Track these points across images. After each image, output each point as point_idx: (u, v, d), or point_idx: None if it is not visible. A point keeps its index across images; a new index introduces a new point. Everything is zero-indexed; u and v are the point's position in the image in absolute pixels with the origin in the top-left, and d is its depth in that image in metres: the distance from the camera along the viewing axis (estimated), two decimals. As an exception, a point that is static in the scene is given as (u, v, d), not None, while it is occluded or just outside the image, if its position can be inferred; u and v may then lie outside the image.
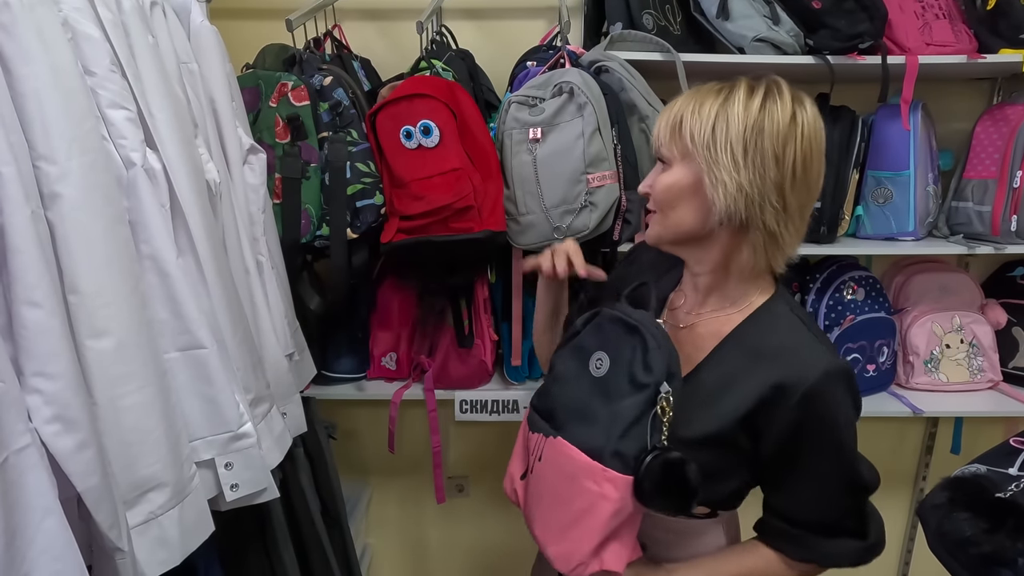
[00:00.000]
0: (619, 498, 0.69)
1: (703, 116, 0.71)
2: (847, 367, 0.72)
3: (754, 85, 0.72)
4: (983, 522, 0.49)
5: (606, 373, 0.73)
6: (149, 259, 0.70)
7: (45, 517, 0.50)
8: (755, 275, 0.77)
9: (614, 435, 0.69)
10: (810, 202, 0.74)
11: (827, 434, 0.71)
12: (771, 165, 0.69)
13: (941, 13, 1.38)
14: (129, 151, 0.67)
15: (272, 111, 1.17)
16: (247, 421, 0.79)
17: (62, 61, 0.60)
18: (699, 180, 0.72)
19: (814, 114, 0.72)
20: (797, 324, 0.75)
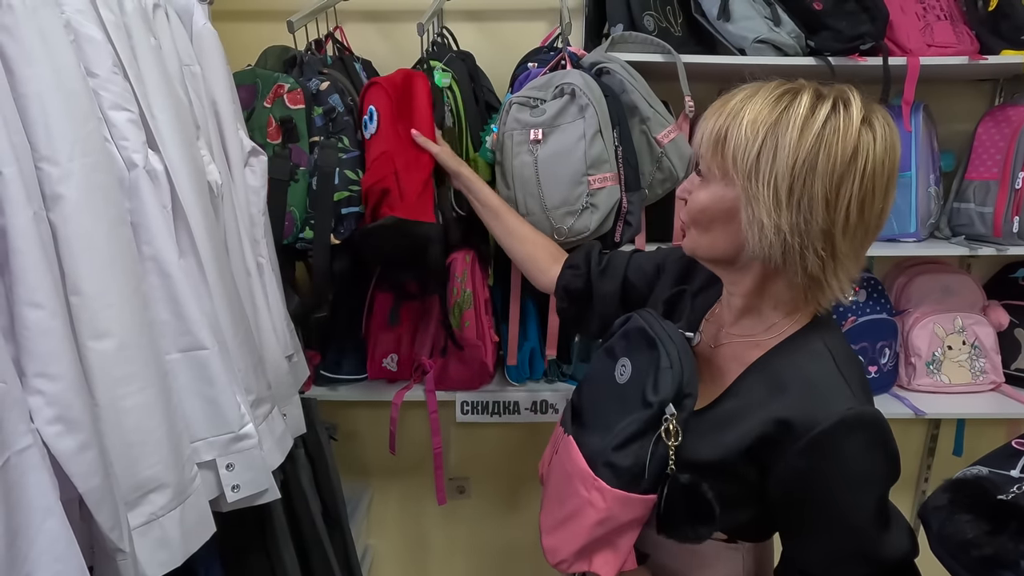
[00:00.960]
0: (605, 508, 0.68)
1: (749, 137, 0.61)
2: (873, 417, 0.62)
3: (818, 99, 0.61)
4: (985, 524, 0.49)
5: (627, 382, 0.72)
6: (151, 260, 0.70)
7: (46, 518, 0.50)
8: (794, 306, 0.69)
9: (610, 446, 0.68)
10: (868, 241, 0.65)
11: (834, 491, 0.63)
12: (819, 210, 0.60)
13: (943, 14, 1.38)
14: (131, 152, 0.68)
15: (266, 111, 1.17)
16: (248, 422, 0.79)
17: (64, 63, 0.60)
18: (736, 208, 0.64)
19: (884, 141, 0.61)
20: (826, 359, 0.66)
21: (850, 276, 0.66)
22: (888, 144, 0.61)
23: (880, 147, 0.60)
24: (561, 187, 1.11)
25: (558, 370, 1.54)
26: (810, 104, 0.61)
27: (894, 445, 0.64)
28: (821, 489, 0.63)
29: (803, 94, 0.62)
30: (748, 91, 0.65)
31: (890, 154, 0.61)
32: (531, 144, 1.12)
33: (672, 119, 1.22)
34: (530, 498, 1.89)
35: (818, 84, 0.64)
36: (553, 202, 1.11)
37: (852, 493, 0.63)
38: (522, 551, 1.92)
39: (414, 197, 1.16)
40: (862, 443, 0.62)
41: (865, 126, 0.60)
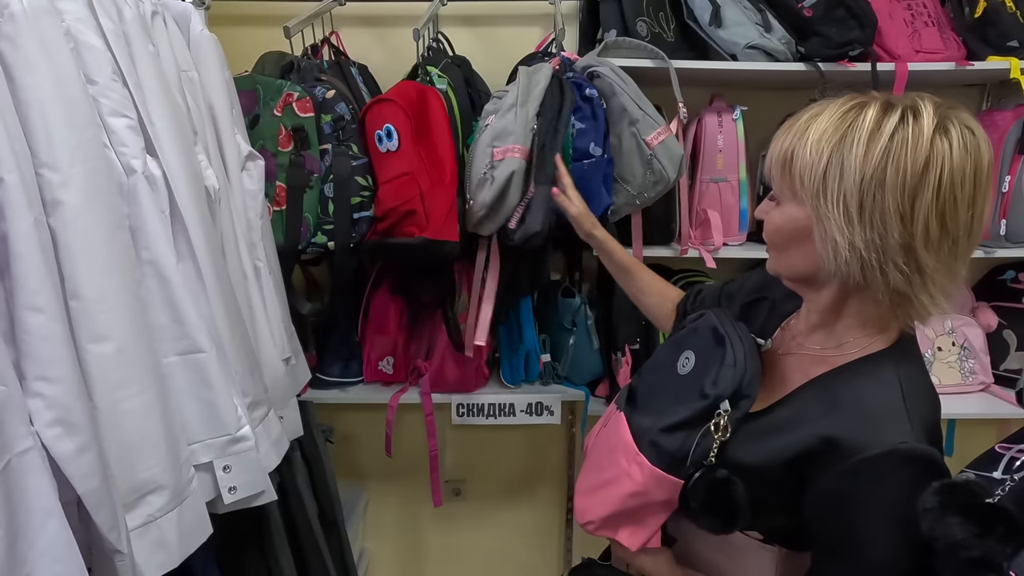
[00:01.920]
0: (641, 482, 0.70)
1: (815, 155, 0.60)
2: (927, 457, 0.59)
3: (885, 112, 0.60)
4: (974, 527, 0.50)
5: (688, 373, 0.73)
6: (149, 265, 0.71)
7: (46, 519, 0.51)
8: (874, 324, 0.67)
9: (658, 426, 0.70)
10: (963, 255, 0.62)
11: (865, 521, 0.61)
12: (894, 224, 0.58)
13: (930, 21, 1.40)
14: (130, 158, 0.69)
15: (276, 120, 1.19)
16: (245, 424, 0.79)
17: (64, 70, 0.61)
18: (809, 227, 0.63)
19: (961, 148, 0.58)
20: (893, 388, 0.63)
21: (944, 291, 0.62)
22: (969, 151, 0.59)
23: (958, 155, 0.58)
24: (476, 158, 1.15)
25: (553, 372, 1.55)
26: (876, 117, 0.60)
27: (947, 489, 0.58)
28: (852, 515, 0.62)
29: (869, 108, 0.61)
30: (815, 109, 0.64)
31: (973, 161, 0.59)
32: (483, 129, 1.17)
33: (662, 121, 1.24)
34: (526, 500, 1.89)
35: (890, 96, 0.62)
36: (471, 174, 1.15)
37: (883, 527, 0.61)
38: (518, 552, 1.92)
39: (441, 219, 1.20)
40: (907, 480, 0.59)
41: (939, 134, 0.58)
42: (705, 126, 1.41)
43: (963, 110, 0.62)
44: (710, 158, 1.41)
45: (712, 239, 1.40)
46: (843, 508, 0.62)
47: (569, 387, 1.53)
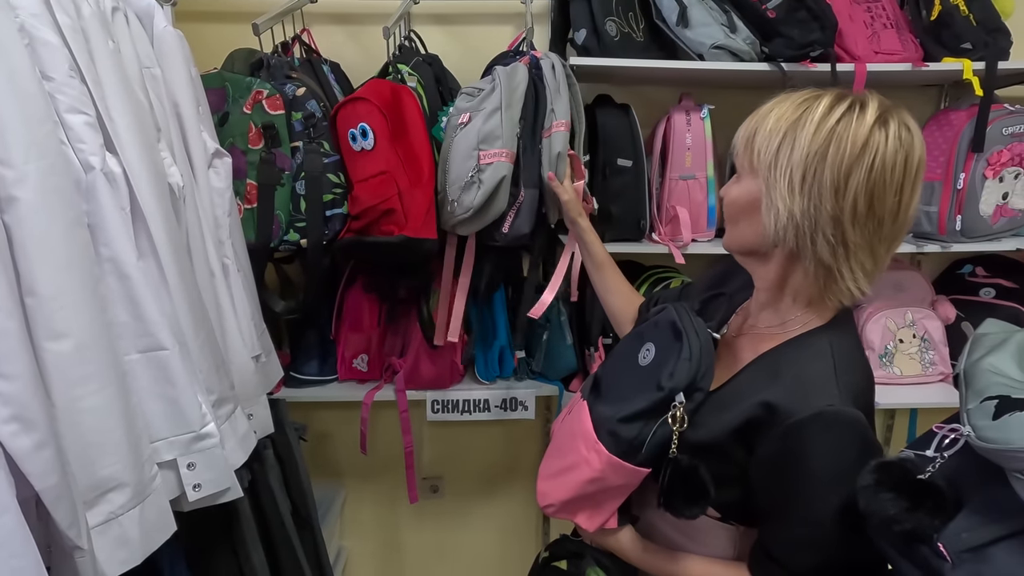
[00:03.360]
0: (599, 469, 0.73)
1: (773, 132, 0.68)
2: (851, 418, 0.65)
3: (837, 101, 0.66)
4: (905, 501, 0.53)
5: (648, 365, 0.76)
6: (109, 262, 0.70)
7: (2, 515, 0.51)
8: (811, 301, 0.73)
9: (617, 416, 0.73)
10: (886, 239, 0.68)
11: (802, 479, 0.66)
12: (828, 196, 0.65)
13: (889, 23, 1.44)
14: (88, 155, 0.68)
15: (246, 118, 1.18)
16: (210, 422, 0.79)
17: (18, 67, 0.60)
18: (759, 198, 0.70)
19: (897, 141, 0.64)
20: (824, 356, 0.69)
21: (864, 269, 0.69)
22: (903, 144, 0.65)
23: (892, 145, 0.64)
24: (458, 161, 1.16)
25: (527, 367, 1.57)
26: (829, 104, 0.67)
27: (872, 452, 0.66)
28: (788, 477, 0.67)
29: (824, 97, 0.68)
30: (781, 97, 0.72)
31: (905, 153, 0.65)
32: (459, 127, 1.16)
33: (565, 117, 1.21)
34: (503, 495, 1.91)
35: (843, 91, 0.69)
36: (452, 177, 1.16)
37: (816, 487, 0.66)
38: (495, 548, 1.94)
39: (421, 217, 1.21)
40: (834, 441, 0.65)
41: (879, 125, 0.65)
42: (674, 124, 1.43)
43: (904, 111, 0.68)
44: (679, 156, 1.44)
45: (681, 235, 1.43)
46: (779, 471, 0.68)
47: (543, 382, 1.55)
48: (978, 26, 1.42)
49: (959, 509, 0.52)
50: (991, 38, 1.41)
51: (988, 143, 1.40)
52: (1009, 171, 1.43)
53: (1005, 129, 1.41)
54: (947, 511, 0.52)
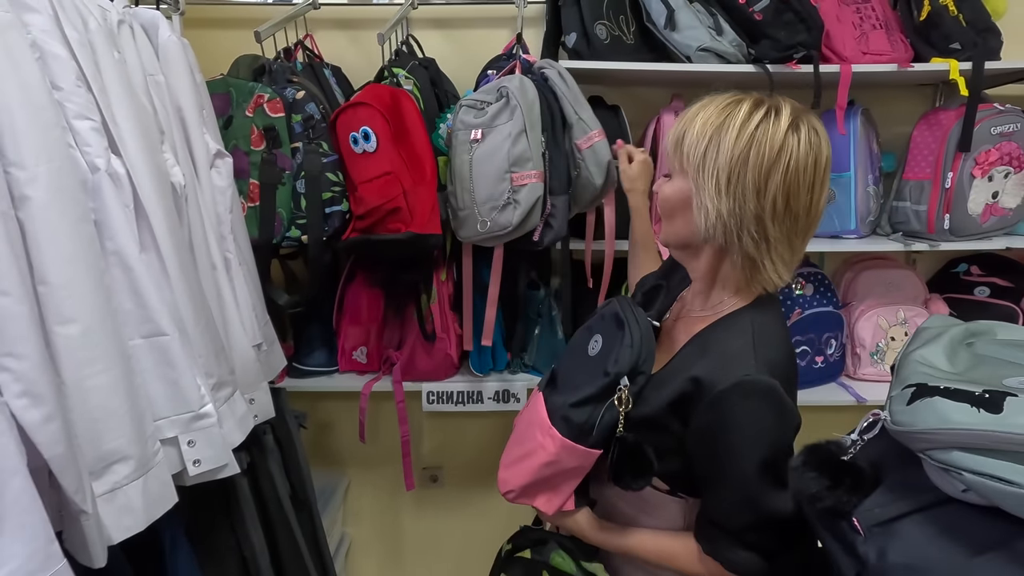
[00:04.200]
0: (554, 452, 0.79)
1: (700, 136, 0.74)
2: (766, 386, 0.71)
3: (755, 108, 0.73)
4: (826, 480, 0.57)
5: (596, 355, 0.83)
6: (114, 255, 0.77)
7: (12, 477, 0.58)
8: (739, 289, 0.80)
9: (569, 403, 0.79)
10: (801, 232, 0.75)
11: (728, 444, 0.72)
12: (751, 197, 0.72)
13: (878, 23, 1.46)
14: (94, 157, 0.75)
15: (248, 120, 1.25)
16: (208, 403, 0.86)
17: (30, 78, 0.67)
18: (690, 197, 0.76)
19: (808, 144, 0.72)
20: (745, 333, 0.76)
21: (784, 260, 0.76)
22: (812, 147, 0.73)
23: (803, 149, 0.72)
24: (488, 183, 1.19)
25: (520, 361, 1.62)
26: (748, 111, 0.73)
27: (788, 415, 0.74)
28: (717, 443, 0.73)
29: (744, 103, 0.74)
30: (705, 101, 0.78)
31: (815, 155, 0.73)
32: (471, 143, 1.20)
33: (596, 126, 1.28)
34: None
35: (760, 95, 0.76)
36: (481, 197, 1.20)
37: (742, 450, 0.72)
38: (494, 536, 1.99)
39: (426, 214, 1.28)
40: (753, 405, 0.72)
41: (791, 130, 0.72)
42: (663, 125, 1.47)
43: (813, 114, 0.75)
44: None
45: (668, 233, 1.46)
46: (708, 438, 0.74)
47: (535, 375, 1.60)
48: (968, 26, 1.43)
49: (876, 487, 0.56)
50: (980, 38, 1.42)
51: (976, 142, 1.41)
52: (999, 170, 1.45)
53: (994, 128, 1.42)
54: (864, 489, 0.56)
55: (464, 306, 1.48)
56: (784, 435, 0.74)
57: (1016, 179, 1.46)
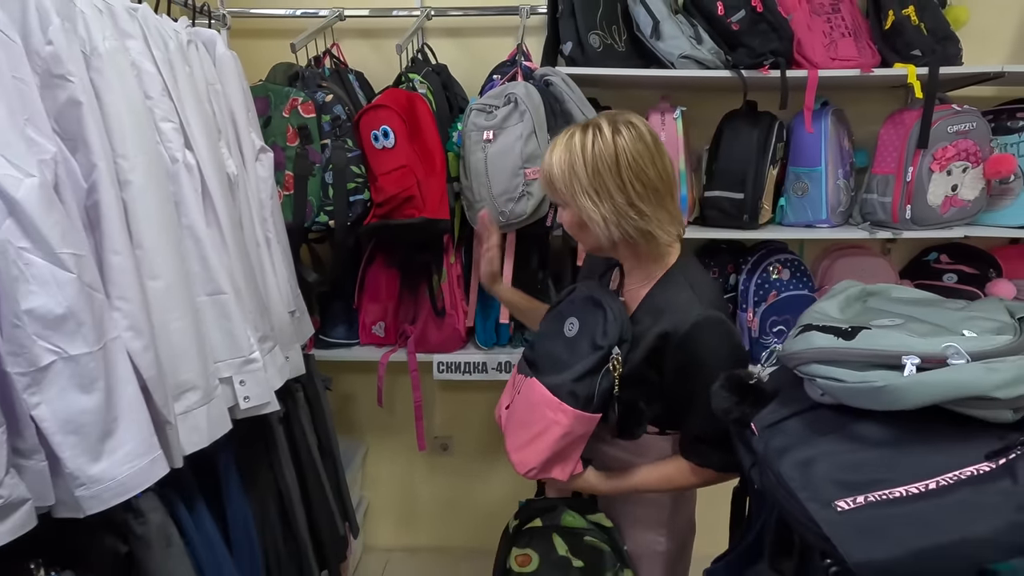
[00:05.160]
0: (568, 424, 0.94)
1: (561, 174, 0.94)
2: (715, 317, 0.92)
3: (584, 132, 0.93)
4: (735, 397, 0.75)
5: (575, 335, 1.00)
6: (187, 228, 0.98)
7: (128, 385, 0.79)
8: (655, 256, 0.99)
9: (571, 379, 0.95)
10: (667, 195, 0.95)
11: (702, 368, 0.91)
12: (617, 193, 0.92)
13: (847, 32, 1.62)
14: (174, 151, 0.96)
15: (285, 120, 1.47)
16: (256, 351, 1.07)
17: (132, 90, 0.89)
18: (582, 219, 0.96)
19: (632, 136, 0.92)
20: (682, 285, 0.96)
21: (667, 220, 0.96)
22: (635, 135, 0.93)
23: (630, 140, 0.92)
24: (504, 178, 1.38)
25: (522, 336, 1.81)
26: (581, 137, 0.94)
27: (735, 335, 0.95)
28: (693, 368, 0.92)
29: (576, 132, 0.95)
30: (554, 142, 0.98)
31: (640, 140, 0.93)
32: (484, 143, 1.40)
33: None
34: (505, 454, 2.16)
35: (582, 123, 0.96)
36: (498, 190, 1.39)
37: (708, 371, 0.89)
38: (498, 500, 2.19)
39: (437, 201, 1.49)
40: (710, 335, 0.92)
41: (615, 134, 0.93)
42: (650, 124, 1.65)
43: (627, 113, 0.97)
44: (653, 151, 1.65)
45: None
46: (682, 373, 0.93)
47: (534, 349, 1.79)
48: (929, 34, 1.59)
49: (771, 402, 0.75)
50: (940, 46, 1.58)
51: (934, 140, 1.57)
52: (956, 165, 1.60)
53: (950, 127, 1.57)
54: (762, 403, 0.74)
55: (472, 286, 1.67)
56: (737, 350, 0.95)
57: (974, 173, 1.61)
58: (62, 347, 0.71)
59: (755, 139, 1.63)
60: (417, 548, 2.24)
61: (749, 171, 1.64)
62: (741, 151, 1.65)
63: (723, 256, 1.84)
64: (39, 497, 0.72)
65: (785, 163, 1.72)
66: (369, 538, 2.25)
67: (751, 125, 1.65)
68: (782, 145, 1.68)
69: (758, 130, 1.64)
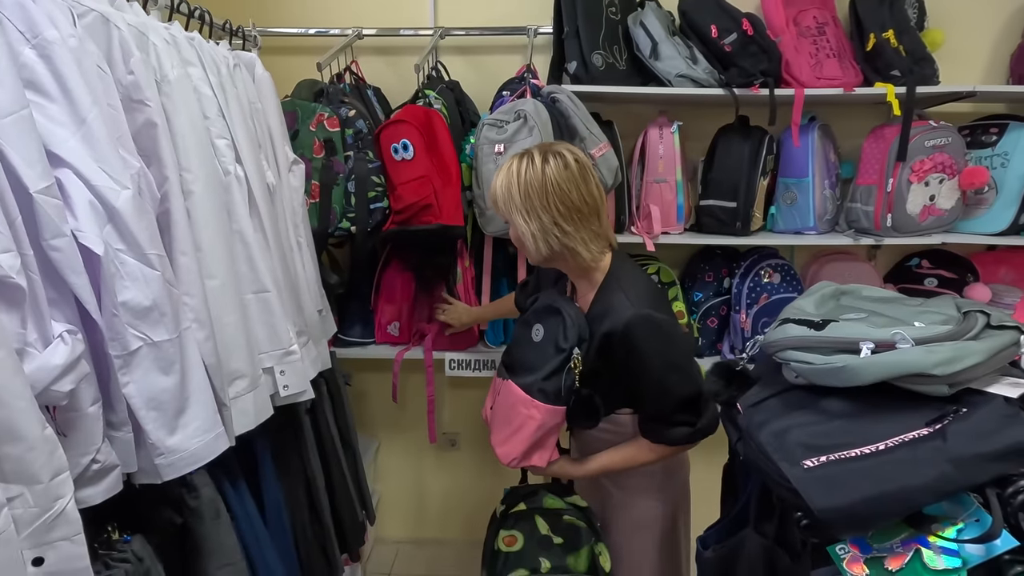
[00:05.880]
0: (541, 418, 1.10)
1: (503, 193, 1.10)
2: (643, 315, 1.05)
3: (521, 160, 1.09)
4: (722, 382, 0.88)
5: (541, 339, 1.14)
6: (237, 233, 1.11)
7: (197, 368, 0.91)
8: (587, 267, 1.13)
9: (540, 378, 1.10)
10: (591, 215, 1.09)
11: (642, 360, 1.06)
12: (544, 213, 1.07)
13: (832, 53, 1.76)
14: (227, 164, 1.09)
15: (312, 134, 1.60)
16: (295, 343, 1.20)
17: (194, 112, 1.02)
18: (519, 234, 1.11)
19: (558, 165, 1.07)
20: (615, 289, 1.11)
21: (590, 239, 1.09)
22: (560, 164, 1.08)
23: (556, 169, 1.07)
24: None
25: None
26: (517, 164, 1.09)
27: (667, 325, 1.07)
28: (634, 360, 1.06)
29: (515, 160, 1.11)
30: (502, 166, 1.13)
31: (565, 169, 1.07)
32: (495, 155, 1.53)
33: (604, 139, 1.61)
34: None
35: (521, 152, 1.11)
36: None
37: (651, 357, 1.05)
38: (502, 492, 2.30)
39: (452, 209, 1.64)
40: (644, 331, 1.05)
41: (545, 162, 1.08)
42: (649, 137, 1.79)
43: (558, 144, 1.14)
44: (653, 163, 1.79)
45: (653, 229, 1.78)
46: (626, 366, 1.06)
47: (540, 348, 1.92)
48: (907, 56, 1.73)
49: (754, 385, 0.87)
50: (917, 66, 1.72)
51: (912, 153, 1.70)
52: (934, 176, 1.74)
53: (928, 141, 1.71)
54: (747, 387, 0.87)
55: (483, 287, 1.80)
56: (669, 342, 1.07)
57: (950, 184, 1.75)
58: (148, 334, 0.83)
59: (747, 152, 1.77)
60: (425, 540, 2.36)
61: (741, 181, 1.77)
62: (734, 163, 1.78)
63: (717, 261, 1.97)
64: (125, 464, 0.84)
65: (775, 174, 1.86)
66: (380, 530, 2.36)
67: (743, 139, 1.78)
68: (772, 157, 1.82)
69: (749, 143, 1.77)
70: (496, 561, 1.23)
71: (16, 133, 0.67)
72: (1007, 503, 0.62)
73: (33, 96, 0.72)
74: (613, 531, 1.25)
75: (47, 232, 0.69)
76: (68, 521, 0.66)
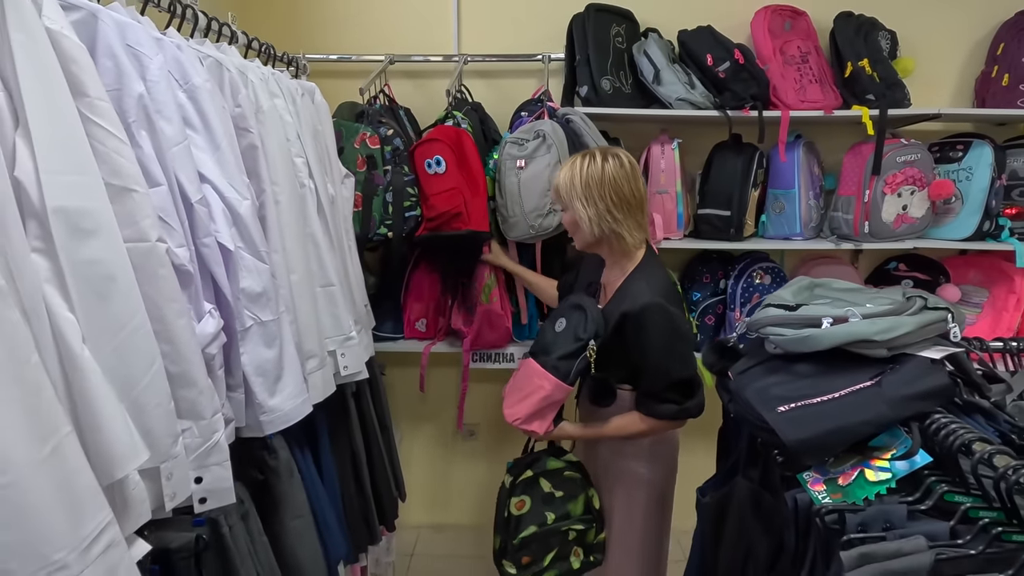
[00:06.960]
0: (550, 389, 1.32)
1: (565, 185, 1.34)
2: (660, 304, 1.27)
3: (583, 157, 1.33)
4: (718, 356, 1.11)
5: (562, 330, 1.38)
6: (309, 236, 1.34)
7: (290, 344, 1.14)
8: (629, 253, 1.37)
9: (556, 357, 1.33)
10: (637, 209, 1.34)
11: (648, 341, 1.27)
12: (599, 201, 1.31)
13: (814, 79, 2.01)
14: (302, 179, 1.32)
15: (355, 150, 1.83)
16: (353, 331, 1.42)
17: (279, 136, 1.25)
18: (576, 219, 1.35)
19: (615, 163, 1.32)
20: (640, 279, 1.34)
21: (634, 228, 1.35)
22: (618, 165, 1.32)
23: (614, 167, 1.32)
24: (534, 198, 1.75)
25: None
26: (581, 160, 1.34)
27: (675, 317, 1.29)
28: (642, 340, 1.28)
29: (578, 157, 1.35)
30: (566, 162, 1.38)
31: (621, 168, 1.32)
32: (517, 170, 1.77)
33: None
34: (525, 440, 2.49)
35: (586, 151, 1.36)
36: (529, 208, 1.76)
37: (655, 340, 1.27)
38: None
39: (480, 216, 1.87)
40: (654, 316, 1.27)
41: (605, 161, 1.33)
42: (652, 153, 2.03)
43: (616, 148, 1.39)
44: (655, 176, 2.03)
45: (655, 235, 2.01)
46: (637, 342, 1.28)
47: (555, 343, 2.14)
48: (880, 82, 1.98)
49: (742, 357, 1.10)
50: (889, 91, 1.97)
51: (885, 168, 1.95)
52: (905, 188, 1.98)
53: (899, 157, 1.95)
54: (737, 359, 1.10)
55: (517, 287, 2.02)
56: (675, 329, 1.29)
57: (920, 195, 1.99)
58: (258, 315, 1.06)
59: (739, 166, 2.01)
60: (445, 525, 2.56)
61: (735, 192, 2.01)
62: (728, 176, 2.02)
63: (714, 264, 2.20)
64: (237, 420, 1.06)
65: (765, 186, 2.10)
66: (403, 516, 2.56)
67: (736, 154, 2.02)
68: (762, 171, 2.06)
69: (742, 158, 2.01)
70: (508, 524, 1.45)
71: (181, 158, 0.90)
72: (926, 433, 0.84)
73: (186, 129, 0.94)
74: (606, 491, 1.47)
75: (200, 232, 0.92)
76: (220, 450, 0.88)
